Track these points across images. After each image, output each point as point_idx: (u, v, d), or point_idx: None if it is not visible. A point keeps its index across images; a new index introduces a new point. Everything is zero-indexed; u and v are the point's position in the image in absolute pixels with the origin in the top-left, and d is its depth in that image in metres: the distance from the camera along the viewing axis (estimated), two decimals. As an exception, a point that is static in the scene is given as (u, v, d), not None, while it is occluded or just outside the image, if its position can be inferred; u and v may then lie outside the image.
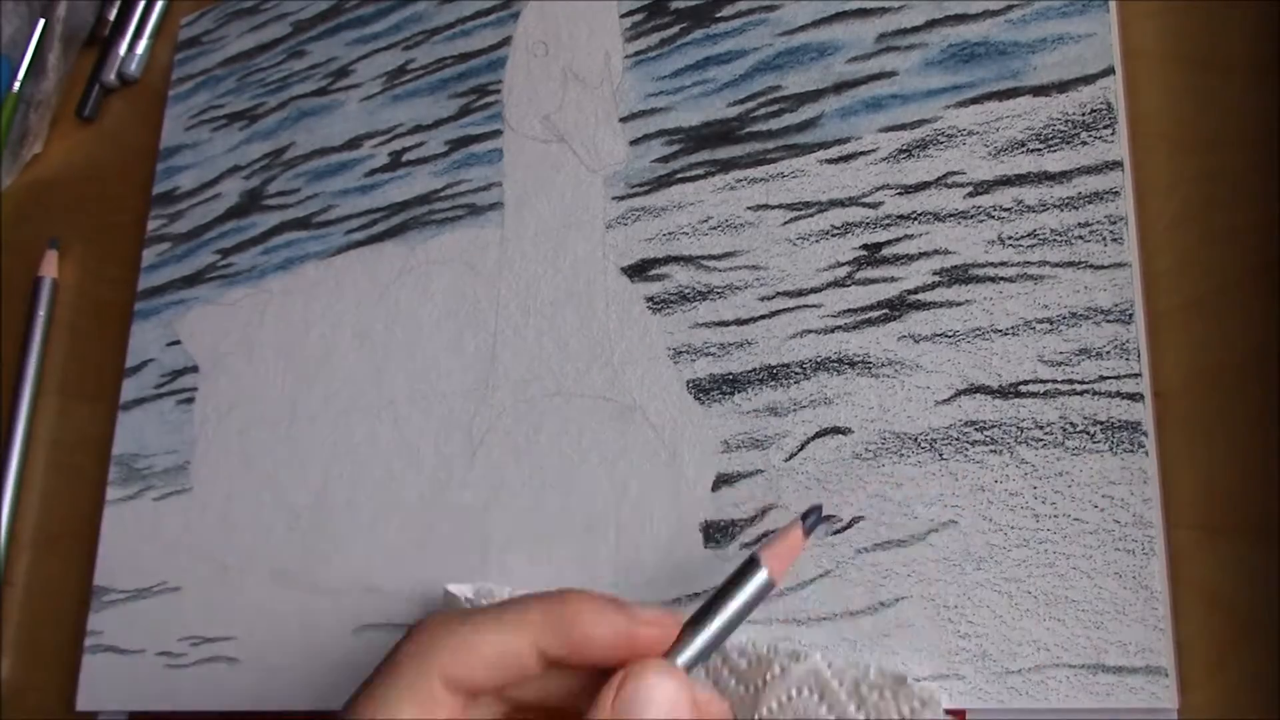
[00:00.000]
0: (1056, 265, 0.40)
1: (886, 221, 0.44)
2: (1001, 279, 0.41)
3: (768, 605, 0.41)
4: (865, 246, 0.44)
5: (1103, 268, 0.39)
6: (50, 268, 0.71)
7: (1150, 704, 0.35)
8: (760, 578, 0.37)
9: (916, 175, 0.44)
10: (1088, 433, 0.38)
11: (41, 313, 0.70)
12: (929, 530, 0.40)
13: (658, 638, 0.36)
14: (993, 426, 0.40)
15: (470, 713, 0.36)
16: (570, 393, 0.48)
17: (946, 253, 0.42)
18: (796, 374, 0.44)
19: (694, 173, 0.48)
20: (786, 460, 0.43)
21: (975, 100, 0.43)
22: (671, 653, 0.36)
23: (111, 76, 0.73)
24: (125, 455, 0.62)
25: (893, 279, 0.43)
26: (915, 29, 0.45)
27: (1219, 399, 0.38)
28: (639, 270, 0.48)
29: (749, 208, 0.47)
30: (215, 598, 0.56)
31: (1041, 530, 0.38)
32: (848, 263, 0.44)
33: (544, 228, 0.51)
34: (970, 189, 0.42)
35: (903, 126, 0.44)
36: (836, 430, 0.42)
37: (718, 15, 0.50)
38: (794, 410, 0.43)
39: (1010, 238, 0.41)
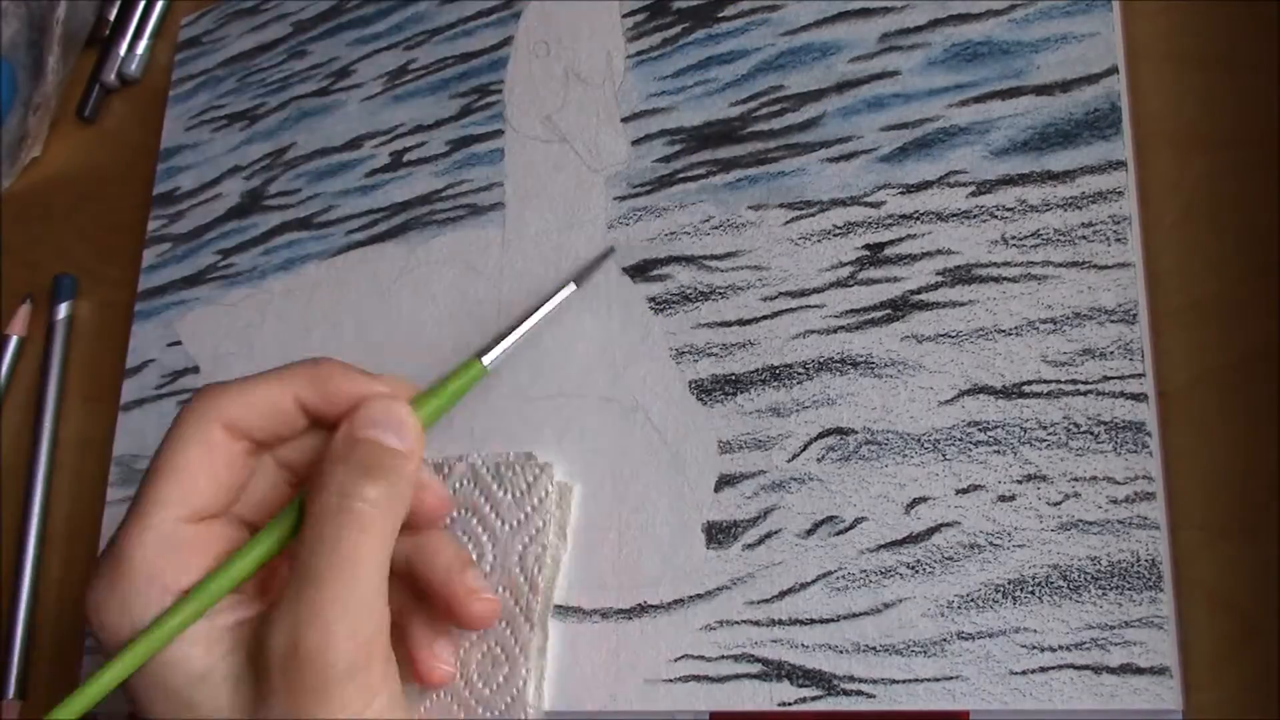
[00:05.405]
0: (1060, 265, 0.40)
1: (889, 221, 0.43)
2: (1005, 279, 0.41)
3: (768, 607, 0.41)
4: (868, 246, 0.44)
5: (1106, 268, 0.39)
6: (19, 325, 0.70)
7: (1155, 705, 0.35)
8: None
9: (919, 175, 0.43)
10: (1092, 433, 0.38)
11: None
12: (932, 531, 0.40)
13: (396, 395, 0.41)
14: (996, 427, 0.40)
15: (253, 475, 0.41)
16: (571, 393, 0.48)
17: (949, 252, 0.42)
18: (799, 374, 0.43)
19: (696, 172, 0.48)
20: (789, 461, 0.43)
21: (978, 99, 0.43)
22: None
23: (111, 77, 0.73)
24: (125, 456, 0.61)
25: (895, 279, 0.43)
26: (918, 28, 0.45)
27: (1224, 399, 0.38)
28: (641, 270, 0.48)
29: (750, 207, 0.46)
30: (216, 599, 0.55)
31: (1045, 531, 0.38)
32: (850, 262, 0.44)
33: (545, 228, 0.51)
34: (973, 188, 0.42)
35: (905, 125, 0.44)
36: (839, 431, 0.42)
37: (720, 15, 0.50)
38: (796, 411, 0.43)
39: (1013, 238, 0.41)
